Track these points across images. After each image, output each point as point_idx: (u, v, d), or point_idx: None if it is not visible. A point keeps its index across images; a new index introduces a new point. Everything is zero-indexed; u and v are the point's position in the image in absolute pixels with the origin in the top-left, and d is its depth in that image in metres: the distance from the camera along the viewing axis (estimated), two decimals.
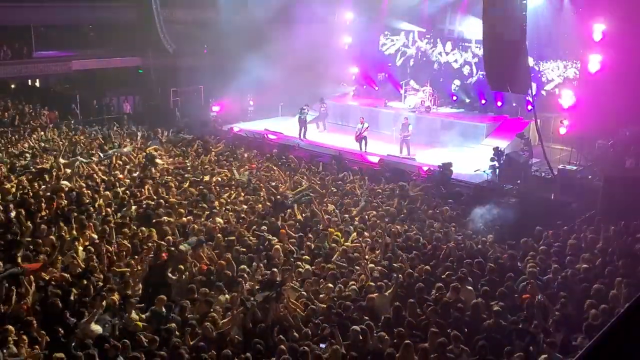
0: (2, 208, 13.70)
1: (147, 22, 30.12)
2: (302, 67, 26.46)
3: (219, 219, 13.97)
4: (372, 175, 19.40)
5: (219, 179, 17.44)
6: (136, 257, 11.70)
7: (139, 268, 11.19)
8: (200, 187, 16.39)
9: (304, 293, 10.61)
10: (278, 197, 15.37)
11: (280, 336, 8.97)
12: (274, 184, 17.28)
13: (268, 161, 20.40)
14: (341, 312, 9.66)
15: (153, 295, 10.50)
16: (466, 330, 9.33)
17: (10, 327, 8.76)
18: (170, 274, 11.13)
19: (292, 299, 10.15)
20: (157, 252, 11.83)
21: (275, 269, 11.19)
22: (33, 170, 17.13)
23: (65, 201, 14.32)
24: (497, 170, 19.34)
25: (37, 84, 34.06)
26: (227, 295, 10.42)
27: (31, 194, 14.79)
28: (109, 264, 11.45)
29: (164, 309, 9.86)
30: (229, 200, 15.68)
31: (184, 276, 11.17)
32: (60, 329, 8.99)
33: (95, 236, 12.45)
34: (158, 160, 19.14)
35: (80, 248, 11.85)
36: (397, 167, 20.43)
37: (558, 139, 21.46)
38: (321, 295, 10.61)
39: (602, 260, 11.63)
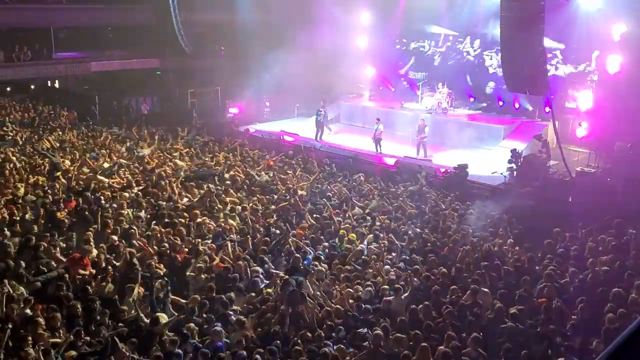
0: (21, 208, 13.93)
1: (165, 24, 30.33)
2: (319, 69, 26.49)
3: (231, 221, 14.04)
4: (389, 177, 19.39)
5: (229, 182, 17.48)
6: (155, 257, 11.82)
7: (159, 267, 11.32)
8: (218, 187, 16.54)
9: (319, 293, 10.65)
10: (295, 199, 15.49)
11: (296, 338, 8.99)
12: (290, 186, 17.34)
13: (283, 162, 20.47)
14: (357, 314, 9.67)
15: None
16: (482, 333, 9.29)
17: (40, 319, 8.88)
18: (190, 272, 11.24)
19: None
20: (175, 253, 11.97)
21: (297, 255, 11.46)
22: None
23: (85, 202, 14.52)
24: (515, 172, 19.24)
25: (57, 85, 34.42)
26: (245, 296, 10.49)
27: (51, 194, 15.04)
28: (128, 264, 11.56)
29: (196, 309, 10.00)
30: (244, 200, 15.81)
31: (202, 275, 11.25)
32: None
33: (115, 237, 12.53)
34: (178, 162, 19.33)
35: (95, 251, 11.95)
36: (413, 168, 20.39)
37: (576, 141, 21.31)
38: (336, 297, 10.64)
39: (621, 264, 11.53)
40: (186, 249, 12.22)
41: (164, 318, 9.52)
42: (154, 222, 13.85)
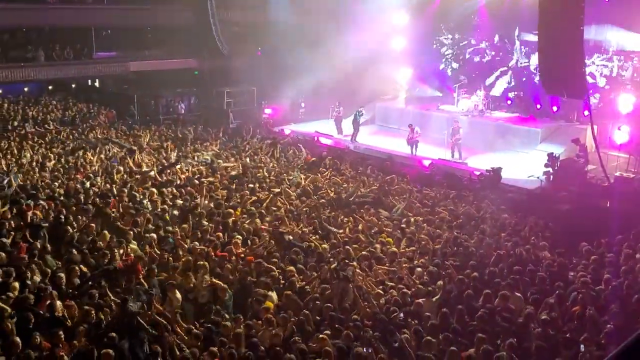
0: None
1: (202, 25, 30.68)
2: (355, 70, 26.48)
3: (257, 220, 14.13)
4: (423, 180, 19.30)
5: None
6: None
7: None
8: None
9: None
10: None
11: (322, 335, 8.98)
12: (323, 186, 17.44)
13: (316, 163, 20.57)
14: (385, 317, 9.64)
15: None
16: (515, 339, 9.17)
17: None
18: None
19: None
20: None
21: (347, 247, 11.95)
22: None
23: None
24: (551, 176, 18.97)
25: (97, 84, 35.08)
26: (275, 294, 10.55)
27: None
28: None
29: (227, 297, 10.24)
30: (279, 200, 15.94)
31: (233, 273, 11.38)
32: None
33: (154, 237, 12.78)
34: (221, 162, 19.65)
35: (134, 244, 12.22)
36: (448, 171, 20.27)
37: (615, 145, 20.88)
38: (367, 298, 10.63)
39: None
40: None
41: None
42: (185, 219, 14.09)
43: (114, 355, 8.21)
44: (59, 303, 9.58)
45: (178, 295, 10.30)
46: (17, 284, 9.98)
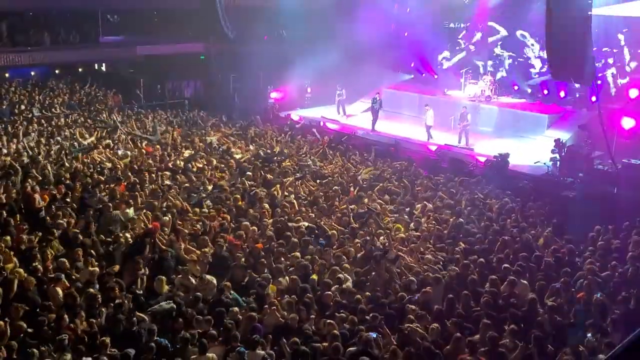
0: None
1: (209, 9, 30.55)
2: (361, 55, 26.36)
3: (265, 205, 14.14)
4: (429, 165, 19.29)
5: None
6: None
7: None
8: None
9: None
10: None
11: (329, 320, 9.03)
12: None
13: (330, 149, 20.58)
14: (393, 303, 9.68)
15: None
16: (522, 324, 9.19)
17: None
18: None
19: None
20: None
21: (381, 232, 12.06)
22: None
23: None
24: (558, 162, 18.92)
25: (104, 68, 35.02)
26: (287, 278, 10.59)
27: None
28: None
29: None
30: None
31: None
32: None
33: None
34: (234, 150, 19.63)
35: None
36: (454, 157, 20.24)
37: (623, 131, 20.76)
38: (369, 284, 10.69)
39: None
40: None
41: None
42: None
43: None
44: (61, 286, 9.71)
45: (193, 280, 10.39)
46: (21, 270, 10.08)
